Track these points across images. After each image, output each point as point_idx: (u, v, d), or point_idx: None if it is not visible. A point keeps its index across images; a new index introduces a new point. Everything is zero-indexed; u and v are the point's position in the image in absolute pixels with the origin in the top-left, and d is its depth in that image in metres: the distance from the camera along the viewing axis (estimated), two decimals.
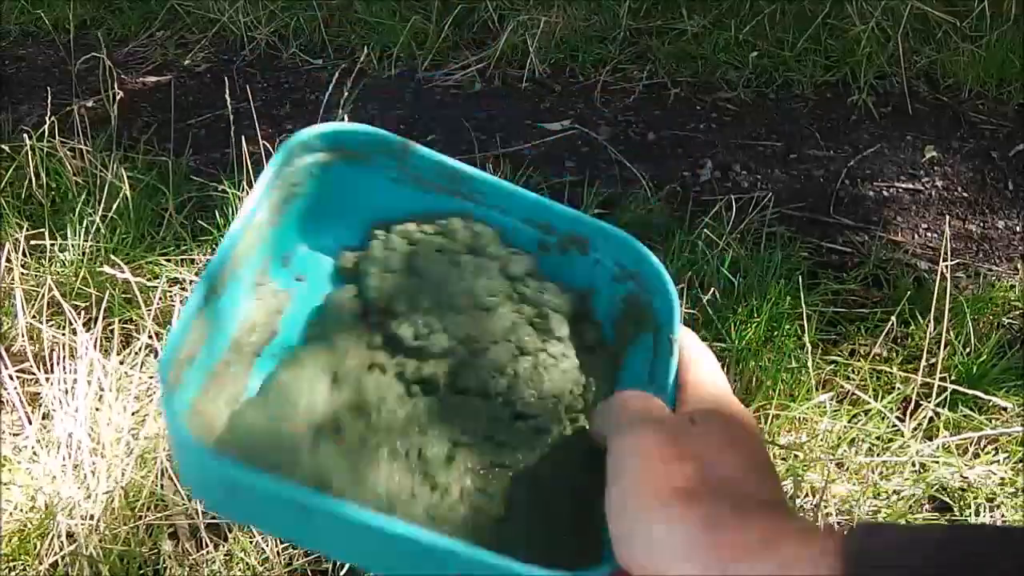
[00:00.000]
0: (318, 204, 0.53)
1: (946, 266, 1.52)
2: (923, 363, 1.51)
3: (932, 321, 1.58)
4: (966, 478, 1.43)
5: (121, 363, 1.53)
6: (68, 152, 2.04)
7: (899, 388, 1.56)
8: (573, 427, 0.48)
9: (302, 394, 0.46)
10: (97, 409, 1.44)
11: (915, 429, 1.48)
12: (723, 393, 0.44)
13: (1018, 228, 2.10)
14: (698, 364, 0.46)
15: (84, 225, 1.85)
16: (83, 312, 1.67)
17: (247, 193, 1.83)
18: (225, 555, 1.32)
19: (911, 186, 2.21)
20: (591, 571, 0.38)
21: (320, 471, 0.43)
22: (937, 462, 1.43)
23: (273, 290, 0.52)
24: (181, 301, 1.62)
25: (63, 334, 1.56)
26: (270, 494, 0.37)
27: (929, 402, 1.49)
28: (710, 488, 0.37)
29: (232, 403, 0.47)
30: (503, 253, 0.53)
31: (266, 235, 0.51)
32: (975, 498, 1.41)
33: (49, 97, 2.11)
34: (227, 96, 2.04)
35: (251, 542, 1.33)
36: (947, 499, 1.43)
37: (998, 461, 1.45)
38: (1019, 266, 1.99)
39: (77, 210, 1.90)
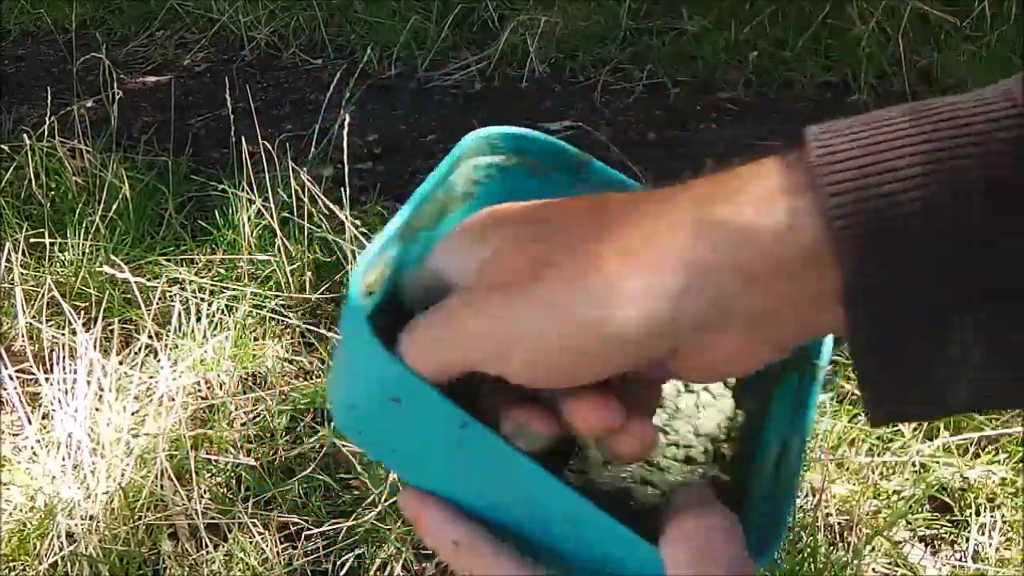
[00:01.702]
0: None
1: None
2: None
3: None
4: (966, 478, 1.43)
5: (121, 363, 1.53)
6: (68, 152, 2.04)
7: None
8: (714, 455, 0.48)
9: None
10: (97, 409, 1.44)
11: (915, 429, 1.48)
12: None
13: None
14: None
15: (84, 225, 1.85)
16: (83, 312, 1.67)
17: (247, 193, 1.83)
18: (225, 555, 1.32)
19: None
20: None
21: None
22: (937, 462, 1.43)
23: None
24: (181, 301, 1.62)
25: (63, 334, 1.56)
26: (435, 408, 0.36)
27: None
28: None
29: None
30: None
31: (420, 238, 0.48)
32: (975, 498, 1.41)
33: (49, 97, 2.11)
34: (227, 96, 2.04)
35: (251, 542, 1.33)
36: (947, 499, 1.43)
37: (998, 461, 1.45)
38: None
39: (77, 210, 1.90)
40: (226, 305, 1.68)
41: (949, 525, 1.39)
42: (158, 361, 1.54)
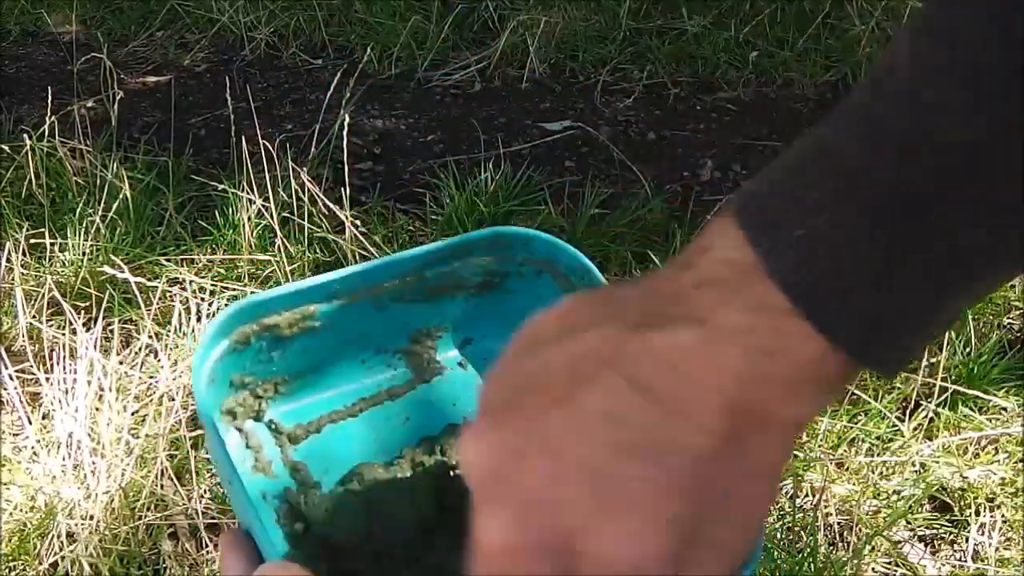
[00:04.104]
0: (515, 306, 0.49)
1: None
2: (923, 363, 1.51)
3: None
4: (966, 478, 1.43)
5: (121, 363, 1.53)
6: (68, 152, 2.04)
7: (899, 388, 1.56)
8: None
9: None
10: (97, 409, 1.44)
11: (915, 429, 1.48)
12: None
13: None
14: None
15: (84, 225, 1.85)
16: (83, 312, 1.67)
17: (247, 192, 1.83)
18: None
19: None
20: None
21: None
22: (937, 462, 1.43)
23: (425, 358, 0.52)
24: (181, 301, 1.62)
25: (63, 334, 1.56)
26: (218, 451, 0.40)
27: (929, 402, 1.49)
28: None
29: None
30: None
31: (441, 306, 0.50)
32: (975, 498, 1.41)
33: (49, 97, 2.11)
34: (227, 96, 2.04)
35: None
36: (947, 499, 1.43)
37: (998, 461, 1.45)
38: None
39: (77, 210, 1.90)
40: (226, 305, 1.68)
41: (949, 525, 1.39)
42: (158, 361, 1.54)
